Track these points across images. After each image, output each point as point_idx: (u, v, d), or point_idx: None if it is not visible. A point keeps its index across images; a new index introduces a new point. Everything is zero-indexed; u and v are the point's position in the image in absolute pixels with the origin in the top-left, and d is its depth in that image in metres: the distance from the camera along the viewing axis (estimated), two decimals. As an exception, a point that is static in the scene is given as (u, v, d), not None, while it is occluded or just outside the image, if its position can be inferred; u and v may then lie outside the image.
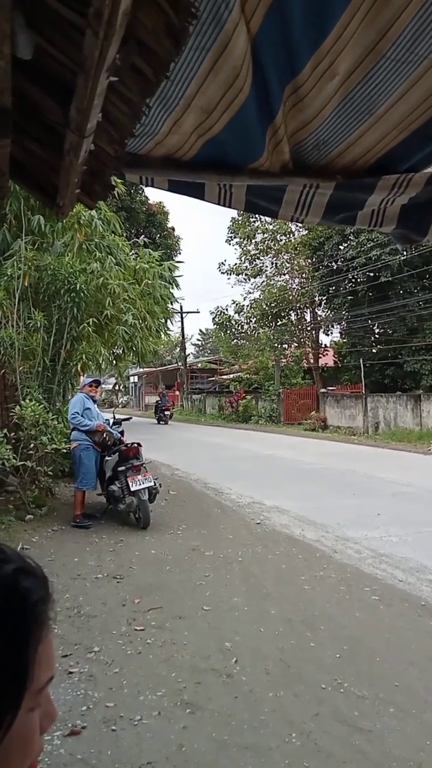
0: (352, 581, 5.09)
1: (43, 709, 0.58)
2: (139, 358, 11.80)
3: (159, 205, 29.51)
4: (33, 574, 0.59)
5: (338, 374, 26.79)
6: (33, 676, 0.56)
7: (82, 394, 7.58)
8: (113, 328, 9.72)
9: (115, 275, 9.38)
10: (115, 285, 9.27)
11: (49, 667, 0.59)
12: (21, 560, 0.59)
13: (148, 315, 10.71)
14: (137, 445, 7.32)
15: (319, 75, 1.45)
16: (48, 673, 0.58)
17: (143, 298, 10.57)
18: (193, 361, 44.81)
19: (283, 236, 27.32)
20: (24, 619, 0.56)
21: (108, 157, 1.49)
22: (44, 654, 0.57)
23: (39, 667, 0.56)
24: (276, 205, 2.01)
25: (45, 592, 0.59)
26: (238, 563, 5.60)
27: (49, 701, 0.59)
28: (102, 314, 9.35)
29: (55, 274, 8.21)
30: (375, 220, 2.11)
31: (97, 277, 8.99)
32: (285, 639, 3.90)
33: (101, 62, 1.02)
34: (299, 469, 11.97)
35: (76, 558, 5.72)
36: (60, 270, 8.21)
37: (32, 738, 0.56)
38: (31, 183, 1.86)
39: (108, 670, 3.45)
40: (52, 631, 0.60)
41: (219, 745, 2.70)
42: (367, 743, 2.73)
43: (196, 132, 1.61)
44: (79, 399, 7.46)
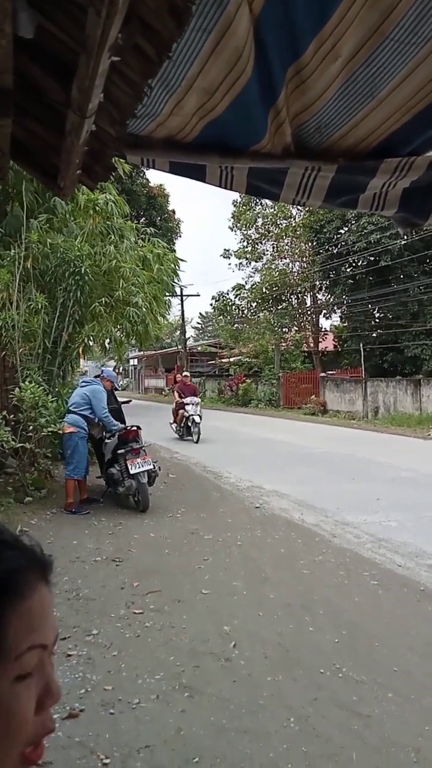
0: (351, 566, 5.12)
1: (41, 684, 0.56)
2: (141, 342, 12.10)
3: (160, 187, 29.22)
4: (7, 544, 0.59)
5: (338, 358, 26.78)
6: (8, 643, 0.54)
7: (101, 386, 7.40)
8: (123, 309, 10.03)
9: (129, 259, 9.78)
10: (128, 268, 9.63)
11: (35, 634, 0.56)
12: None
13: (154, 300, 11.00)
14: (137, 429, 7.32)
15: (321, 56, 1.41)
16: (30, 639, 0.55)
17: (150, 283, 10.82)
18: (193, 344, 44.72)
19: (284, 220, 27.07)
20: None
21: (109, 137, 1.45)
22: (26, 620, 0.56)
23: (17, 634, 0.54)
24: (277, 188, 1.98)
25: (26, 562, 0.59)
26: (237, 547, 5.63)
27: (49, 676, 0.56)
28: (113, 296, 9.63)
29: (63, 257, 8.17)
30: (377, 204, 2.08)
31: (109, 259, 9.23)
32: (284, 623, 3.94)
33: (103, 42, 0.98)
34: (299, 454, 12.01)
35: (74, 541, 5.76)
36: (68, 253, 8.17)
37: (19, 711, 0.53)
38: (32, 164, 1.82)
39: (106, 653, 3.48)
40: (42, 598, 0.59)
41: (217, 729, 2.73)
42: (365, 728, 2.76)
43: (198, 113, 1.57)
44: (103, 393, 7.26)
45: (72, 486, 7.09)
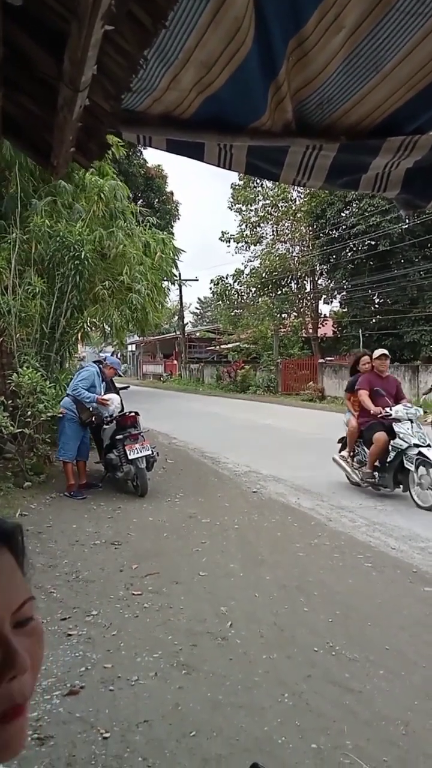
0: (345, 548, 5.17)
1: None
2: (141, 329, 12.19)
3: (157, 168, 28.84)
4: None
5: (337, 345, 26.72)
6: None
7: (94, 369, 7.36)
8: (126, 295, 10.11)
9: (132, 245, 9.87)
10: (134, 253, 9.72)
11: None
12: None
13: (155, 288, 11.08)
14: (135, 414, 7.33)
15: (324, 28, 1.37)
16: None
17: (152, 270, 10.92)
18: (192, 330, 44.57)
19: (285, 203, 26.84)
20: None
21: (104, 113, 1.42)
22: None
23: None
24: (277, 168, 1.94)
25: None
26: (235, 530, 5.67)
27: (6, 646, 0.53)
28: (117, 280, 9.69)
29: (62, 241, 8.11)
30: (379, 185, 2.05)
31: (117, 245, 9.29)
32: (279, 604, 3.98)
33: (96, 9, 0.96)
34: (296, 439, 12.05)
35: (74, 524, 5.80)
36: (68, 237, 8.11)
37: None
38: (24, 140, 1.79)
39: (106, 632, 3.52)
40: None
41: (213, 705, 2.78)
42: (357, 703, 2.81)
43: (196, 88, 1.54)
44: (91, 374, 7.24)
45: (69, 468, 7.11)
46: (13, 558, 0.59)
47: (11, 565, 0.58)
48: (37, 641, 0.57)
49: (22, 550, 0.62)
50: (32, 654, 0.55)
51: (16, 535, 0.62)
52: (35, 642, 0.57)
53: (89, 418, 7.28)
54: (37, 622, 0.58)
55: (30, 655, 0.54)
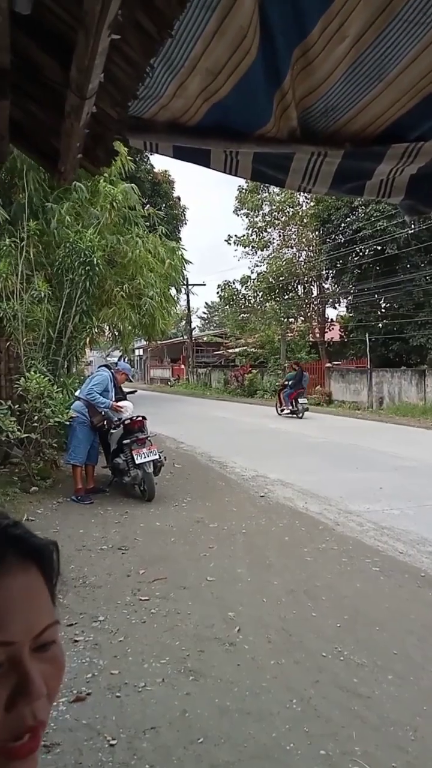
0: (353, 553, 5.15)
1: (11, 682, 0.51)
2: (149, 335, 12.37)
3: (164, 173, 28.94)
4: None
5: (344, 349, 26.68)
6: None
7: (107, 374, 7.39)
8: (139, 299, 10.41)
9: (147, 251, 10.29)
10: (150, 259, 10.15)
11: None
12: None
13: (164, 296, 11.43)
14: (142, 419, 7.34)
15: (328, 37, 1.39)
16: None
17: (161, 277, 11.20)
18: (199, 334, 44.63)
19: (291, 208, 26.86)
20: None
21: (111, 120, 1.44)
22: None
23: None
24: (283, 174, 1.95)
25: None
26: (242, 535, 5.66)
27: (24, 674, 0.51)
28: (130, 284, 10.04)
29: (73, 247, 8.18)
30: (383, 191, 2.06)
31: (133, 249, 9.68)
32: (287, 609, 3.97)
33: (103, 18, 0.97)
34: (303, 443, 12.03)
35: (81, 530, 5.80)
36: (78, 243, 8.18)
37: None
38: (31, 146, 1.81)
39: (113, 638, 3.52)
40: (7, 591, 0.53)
41: (221, 711, 2.77)
42: (365, 708, 2.80)
43: (202, 96, 1.56)
44: (105, 378, 7.28)
45: (78, 472, 7.14)
46: (42, 577, 0.56)
47: (38, 586, 0.56)
48: (57, 667, 0.55)
49: (56, 569, 0.59)
50: (49, 680, 0.53)
51: (49, 553, 0.59)
52: (54, 667, 0.55)
53: (101, 422, 7.31)
54: (59, 647, 0.56)
55: (47, 680, 0.52)
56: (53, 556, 0.59)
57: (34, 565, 0.56)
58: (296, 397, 17.29)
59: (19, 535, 0.57)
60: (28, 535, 0.58)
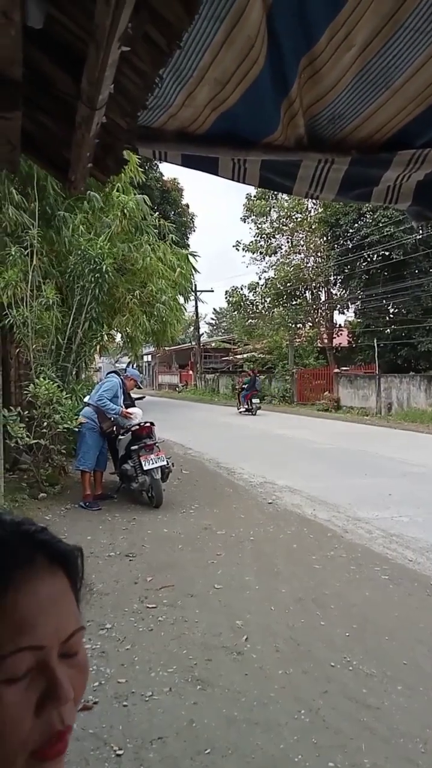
0: (362, 561, 5.11)
1: (40, 686, 0.50)
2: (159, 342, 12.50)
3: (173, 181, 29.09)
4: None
5: (352, 354, 26.60)
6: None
7: (117, 380, 7.43)
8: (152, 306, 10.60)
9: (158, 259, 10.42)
10: (162, 268, 10.29)
11: (23, 635, 0.50)
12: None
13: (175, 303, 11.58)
14: (150, 425, 7.34)
15: (335, 46, 1.39)
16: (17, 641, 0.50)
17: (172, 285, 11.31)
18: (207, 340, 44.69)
19: (299, 214, 26.90)
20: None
21: (120, 130, 1.45)
22: (9, 620, 0.50)
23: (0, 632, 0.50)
24: (290, 181, 1.96)
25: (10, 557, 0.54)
26: (250, 542, 5.64)
27: (53, 678, 0.51)
28: (144, 291, 10.20)
29: (83, 254, 8.24)
30: (390, 197, 2.06)
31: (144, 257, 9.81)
32: (295, 617, 3.94)
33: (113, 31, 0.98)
34: (312, 449, 11.98)
35: (89, 536, 5.80)
36: (89, 251, 8.25)
37: (5, 716, 0.48)
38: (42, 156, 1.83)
39: (120, 646, 3.51)
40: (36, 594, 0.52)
41: (229, 721, 2.75)
42: (374, 720, 2.76)
43: (210, 105, 1.57)
44: (114, 385, 7.31)
45: (87, 478, 7.15)
46: (69, 582, 0.57)
47: (65, 591, 0.56)
48: (82, 674, 0.55)
49: (80, 573, 0.59)
50: (75, 684, 0.53)
51: (74, 558, 0.59)
52: (80, 673, 0.55)
53: (110, 428, 7.34)
54: (84, 653, 0.56)
55: (73, 686, 0.52)
56: (78, 561, 0.60)
57: (61, 569, 0.56)
58: (251, 398, 20.93)
59: (47, 540, 0.58)
60: (55, 540, 0.59)
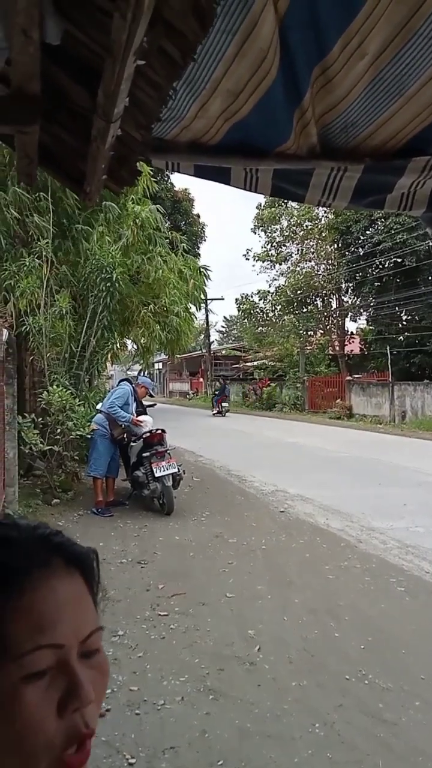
0: (377, 572, 5.05)
1: (61, 685, 0.50)
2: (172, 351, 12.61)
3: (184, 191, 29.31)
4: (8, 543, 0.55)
5: (364, 362, 26.47)
6: (4, 639, 0.50)
7: (128, 387, 7.47)
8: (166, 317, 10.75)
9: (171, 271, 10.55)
10: (173, 279, 10.38)
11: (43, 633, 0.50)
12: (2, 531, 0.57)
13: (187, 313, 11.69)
14: (161, 432, 7.36)
15: (348, 55, 1.40)
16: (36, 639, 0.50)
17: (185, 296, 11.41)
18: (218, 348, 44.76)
19: (309, 222, 26.92)
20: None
21: (135, 142, 1.46)
22: (29, 618, 0.51)
23: (18, 632, 0.50)
24: (303, 190, 1.96)
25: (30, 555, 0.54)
26: (262, 551, 5.61)
27: (73, 677, 0.51)
28: (156, 303, 10.33)
29: (96, 264, 8.33)
30: (404, 204, 2.05)
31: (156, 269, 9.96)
32: (309, 628, 3.90)
33: (129, 45, 0.99)
34: (324, 458, 11.91)
35: (101, 542, 5.80)
36: (101, 260, 8.33)
37: (26, 714, 0.48)
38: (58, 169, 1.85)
39: (132, 654, 3.50)
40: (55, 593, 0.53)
41: (242, 733, 2.72)
42: (391, 736, 2.72)
43: (223, 116, 1.58)
44: (126, 392, 7.36)
45: (99, 485, 7.18)
46: (85, 584, 0.57)
47: (82, 592, 0.57)
48: (102, 674, 0.55)
49: (96, 575, 0.60)
50: (96, 687, 0.53)
51: (90, 560, 0.60)
52: (100, 675, 0.55)
53: (121, 435, 7.37)
54: (103, 655, 0.56)
55: (94, 687, 0.52)
56: (94, 564, 0.60)
57: (77, 571, 0.57)
58: (221, 402, 24.92)
59: (63, 542, 0.59)
60: (70, 543, 0.60)
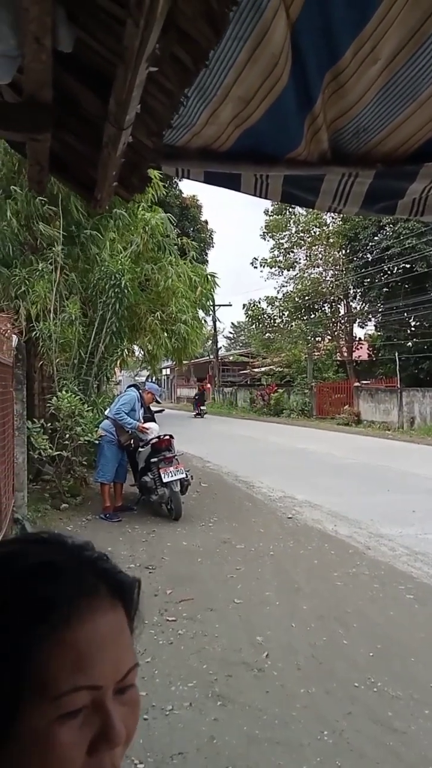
0: (385, 579, 5.02)
1: (94, 726, 0.49)
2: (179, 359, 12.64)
3: (192, 198, 29.40)
4: (56, 569, 0.52)
5: (372, 368, 26.38)
6: (41, 680, 0.48)
7: (135, 393, 7.48)
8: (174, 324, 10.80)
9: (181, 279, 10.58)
10: (182, 287, 10.42)
11: (80, 674, 0.49)
12: (47, 553, 0.54)
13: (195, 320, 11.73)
14: (169, 437, 7.36)
15: (360, 60, 1.39)
16: (74, 680, 0.48)
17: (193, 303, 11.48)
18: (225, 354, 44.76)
19: (317, 228, 26.93)
20: (23, 617, 0.50)
21: (146, 149, 1.47)
22: (67, 658, 0.49)
23: (56, 672, 0.48)
24: (313, 195, 1.96)
25: (73, 588, 0.51)
26: (270, 557, 5.58)
27: (107, 718, 0.49)
28: (164, 312, 10.39)
29: (105, 270, 8.38)
30: (416, 209, 2.05)
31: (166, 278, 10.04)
32: (317, 635, 3.88)
33: (141, 52, 1.00)
34: (332, 464, 11.86)
35: (109, 548, 5.80)
36: (110, 266, 8.38)
37: (59, 753, 0.47)
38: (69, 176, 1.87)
39: (140, 659, 3.46)
40: (96, 631, 0.50)
41: (250, 739, 2.70)
42: (401, 744, 2.69)
43: (234, 122, 1.58)
44: (132, 398, 7.37)
45: (107, 490, 7.19)
46: (126, 616, 0.55)
47: (123, 626, 0.54)
48: (134, 710, 0.53)
49: (136, 607, 0.57)
50: (127, 723, 0.52)
51: (133, 590, 0.57)
52: (132, 711, 0.53)
53: (128, 441, 7.38)
54: (136, 691, 0.54)
55: (125, 723, 0.51)
56: (136, 594, 0.57)
57: (120, 603, 0.54)
58: (200, 405, 27.54)
59: (109, 569, 0.56)
60: (116, 570, 0.56)
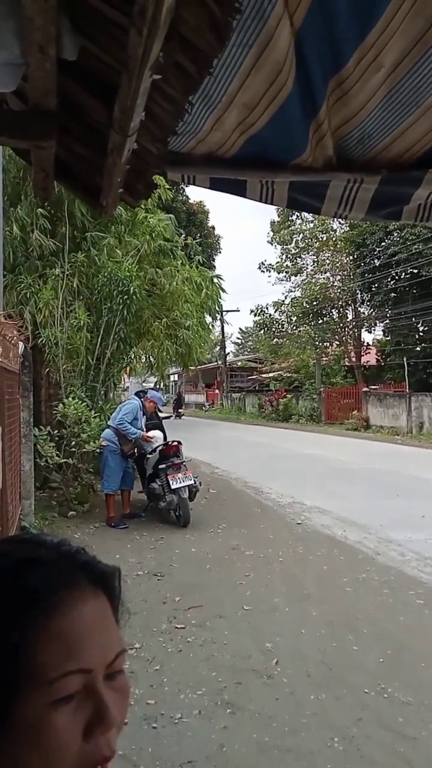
0: (395, 584, 4.98)
1: (88, 709, 0.51)
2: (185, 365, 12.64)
3: (199, 204, 29.54)
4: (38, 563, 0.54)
5: (381, 373, 26.28)
6: (33, 668, 0.49)
7: (137, 402, 7.47)
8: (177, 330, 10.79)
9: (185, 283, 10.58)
10: (187, 291, 10.42)
11: (71, 659, 0.50)
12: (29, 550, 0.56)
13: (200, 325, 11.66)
14: (177, 443, 7.36)
15: (364, 67, 1.41)
16: (65, 664, 0.50)
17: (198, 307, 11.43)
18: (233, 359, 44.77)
19: (324, 234, 26.96)
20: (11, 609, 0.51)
21: (151, 155, 1.49)
22: (57, 643, 0.50)
23: (47, 658, 0.50)
24: (319, 202, 1.97)
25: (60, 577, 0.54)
26: (279, 563, 5.56)
27: (100, 701, 0.51)
28: (169, 316, 10.34)
29: (111, 276, 8.43)
30: (422, 215, 2.05)
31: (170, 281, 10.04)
32: (326, 641, 3.85)
33: (145, 60, 1.02)
34: (341, 469, 11.80)
35: (117, 555, 5.80)
36: (117, 272, 8.43)
37: (55, 738, 0.48)
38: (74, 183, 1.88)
39: (149, 667, 3.48)
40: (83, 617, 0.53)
41: (260, 747, 2.68)
42: (412, 751, 2.66)
43: (239, 129, 1.59)
44: (135, 407, 7.36)
45: (111, 500, 7.16)
46: (109, 604, 0.57)
47: (107, 612, 0.56)
48: (124, 696, 0.55)
49: (119, 595, 0.59)
50: (119, 708, 0.53)
51: (114, 579, 0.59)
52: (122, 696, 0.55)
53: (131, 450, 7.37)
54: (125, 675, 0.56)
55: (117, 708, 0.53)
56: (117, 582, 0.60)
57: (102, 590, 0.56)
58: (178, 409, 30.69)
59: (88, 560, 0.59)
60: (95, 561, 0.59)
